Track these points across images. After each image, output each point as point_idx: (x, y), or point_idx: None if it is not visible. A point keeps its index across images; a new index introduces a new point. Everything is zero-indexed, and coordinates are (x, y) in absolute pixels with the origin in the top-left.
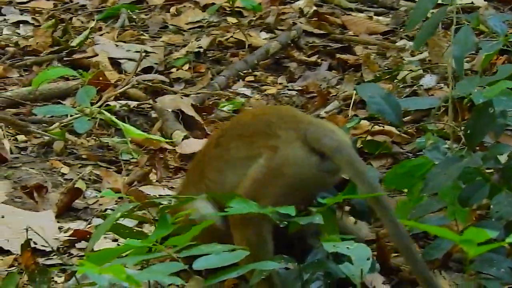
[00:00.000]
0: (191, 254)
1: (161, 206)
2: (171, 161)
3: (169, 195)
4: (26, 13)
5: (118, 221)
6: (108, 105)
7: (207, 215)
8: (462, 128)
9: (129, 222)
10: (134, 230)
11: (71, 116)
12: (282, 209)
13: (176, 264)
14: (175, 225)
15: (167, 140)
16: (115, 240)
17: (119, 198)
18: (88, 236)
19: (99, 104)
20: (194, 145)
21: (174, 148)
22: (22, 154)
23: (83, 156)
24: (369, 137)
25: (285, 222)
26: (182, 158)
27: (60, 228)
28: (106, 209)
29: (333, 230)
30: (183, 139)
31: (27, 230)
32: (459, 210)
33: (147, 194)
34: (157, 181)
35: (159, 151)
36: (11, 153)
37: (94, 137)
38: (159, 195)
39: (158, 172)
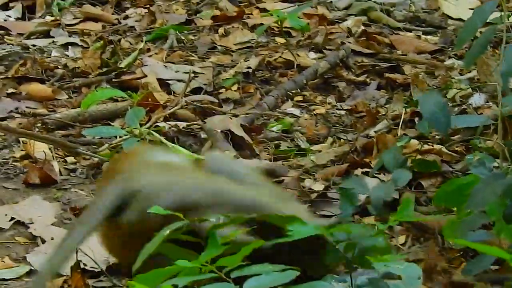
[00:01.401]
0: (242, 274)
1: (210, 225)
2: None
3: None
4: (75, 35)
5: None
6: (157, 126)
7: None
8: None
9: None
10: (184, 250)
11: (120, 137)
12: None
13: (227, 285)
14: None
15: None
16: None
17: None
18: None
19: (148, 125)
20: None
21: None
22: (71, 176)
23: None
24: (418, 156)
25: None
26: None
27: None
28: None
29: (385, 250)
30: None
31: (76, 251)
32: (505, 227)
33: None
34: None
35: None
36: (60, 174)
37: None
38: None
39: None
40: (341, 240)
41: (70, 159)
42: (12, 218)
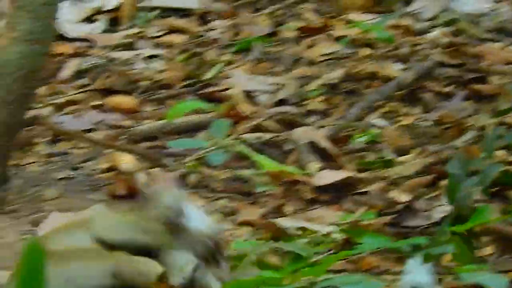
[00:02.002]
0: (326, 285)
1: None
2: (306, 193)
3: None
4: (159, 47)
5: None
6: (242, 137)
7: None
8: None
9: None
10: (268, 262)
11: (205, 149)
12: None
13: None
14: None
15: (302, 172)
16: None
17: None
18: None
19: (233, 136)
20: (329, 177)
21: (309, 179)
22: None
23: (218, 189)
24: (507, 167)
25: None
26: (317, 189)
27: None
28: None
29: (468, 259)
30: (317, 171)
31: None
32: None
33: (282, 226)
34: (292, 213)
35: (293, 183)
36: (146, 186)
37: (229, 170)
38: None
39: (293, 204)
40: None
41: (155, 171)
42: None
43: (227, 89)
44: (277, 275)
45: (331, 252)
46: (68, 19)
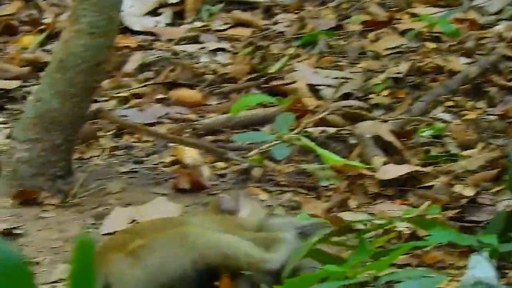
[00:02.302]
0: (390, 279)
1: (359, 230)
2: (370, 187)
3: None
4: (224, 41)
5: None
6: (306, 131)
7: None
8: None
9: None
10: (332, 255)
11: (269, 142)
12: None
13: None
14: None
15: (366, 166)
16: None
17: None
18: None
19: (297, 130)
20: (393, 171)
21: (373, 174)
22: (220, 181)
23: (282, 183)
24: None
25: None
26: (381, 184)
27: None
28: None
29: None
30: (382, 165)
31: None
32: None
33: (346, 220)
34: (356, 207)
35: (358, 177)
36: (210, 180)
37: (293, 164)
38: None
39: (357, 198)
40: None
41: (219, 164)
42: (133, 220)
43: (291, 82)
44: (341, 269)
45: (396, 245)
46: (132, 12)
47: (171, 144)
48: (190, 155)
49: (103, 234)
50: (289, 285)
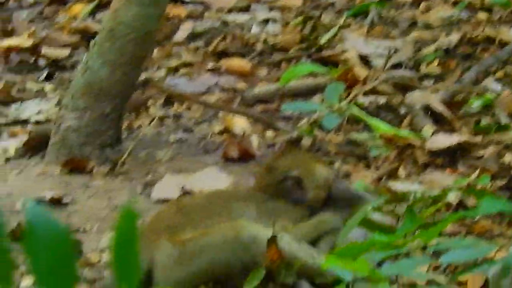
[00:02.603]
0: (438, 249)
1: (409, 200)
2: (420, 157)
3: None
4: (275, 10)
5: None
6: (356, 101)
7: None
8: None
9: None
10: (383, 225)
11: (319, 112)
12: None
13: (423, 258)
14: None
15: (416, 136)
16: None
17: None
18: None
19: (347, 100)
20: (443, 140)
21: (423, 143)
22: (270, 151)
23: (332, 152)
24: None
25: None
26: (431, 154)
27: None
28: None
29: None
30: (432, 135)
31: (273, 225)
32: None
33: (396, 189)
34: (405, 176)
35: (408, 147)
36: (259, 149)
37: (343, 133)
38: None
39: (407, 167)
40: None
41: (268, 134)
42: (184, 188)
43: (342, 52)
44: (389, 239)
45: (445, 215)
46: None
47: (221, 114)
48: (239, 124)
49: (154, 202)
50: (337, 254)
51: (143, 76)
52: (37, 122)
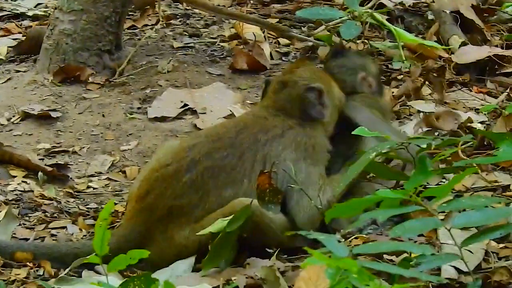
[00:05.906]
0: (450, 209)
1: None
2: (446, 72)
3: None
4: None
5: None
6: (380, 4)
7: None
8: None
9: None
10: (394, 170)
11: (338, 19)
12: None
13: (433, 220)
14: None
15: (443, 47)
16: None
17: None
18: None
19: (370, 4)
20: (472, 53)
21: (450, 56)
22: (283, 60)
23: None
24: None
25: None
26: (458, 68)
27: None
28: None
29: None
30: (460, 46)
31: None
32: None
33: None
34: (429, 95)
35: (433, 62)
36: (272, 58)
37: (364, 41)
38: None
39: (432, 86)
40: None
41: (283, 41)
42: (185, 105)
43: None
44: (396, 195)
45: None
46: None
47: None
48: (250, 30)
49: (150, 119)
50: (336, 210)
51: None
52: (35, 17)
